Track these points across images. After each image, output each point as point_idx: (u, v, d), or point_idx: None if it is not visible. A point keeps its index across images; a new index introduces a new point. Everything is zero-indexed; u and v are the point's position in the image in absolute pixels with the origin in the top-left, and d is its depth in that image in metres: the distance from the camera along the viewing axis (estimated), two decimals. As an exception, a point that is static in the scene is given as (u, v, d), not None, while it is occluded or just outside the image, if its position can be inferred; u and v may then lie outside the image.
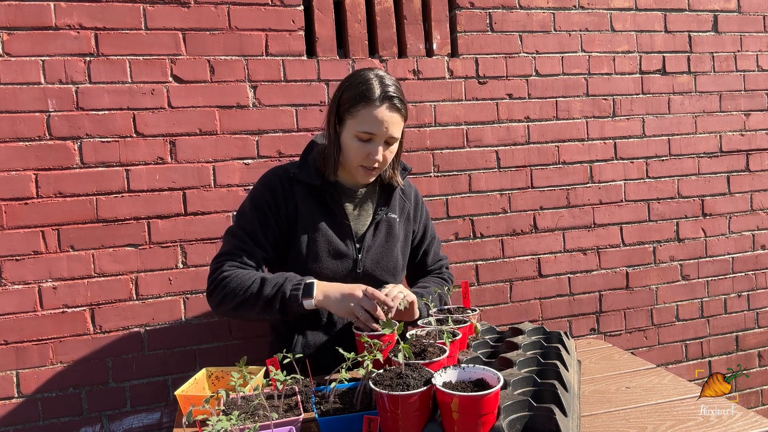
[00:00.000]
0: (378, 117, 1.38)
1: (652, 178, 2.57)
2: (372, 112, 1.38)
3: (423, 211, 1.74)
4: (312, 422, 1.09)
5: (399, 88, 1.44)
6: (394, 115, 1.41)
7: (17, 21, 1.85)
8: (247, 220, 1.47)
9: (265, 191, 1.49)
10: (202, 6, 2.01)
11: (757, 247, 2.73)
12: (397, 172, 1.58)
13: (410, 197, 1.69)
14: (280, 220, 1.49)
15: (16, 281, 1.87)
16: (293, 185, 1.51)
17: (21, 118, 1.86)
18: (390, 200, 1.60)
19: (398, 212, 1.63)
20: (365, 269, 1.53)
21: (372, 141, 1.41)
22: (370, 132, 1.40)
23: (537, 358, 1.29)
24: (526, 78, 2.40)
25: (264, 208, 1.47)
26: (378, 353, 1.09)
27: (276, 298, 1.35)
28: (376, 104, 1.38)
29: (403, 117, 1.44)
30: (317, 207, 1.51)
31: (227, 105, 2.05)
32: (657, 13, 2.56)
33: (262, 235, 1.47)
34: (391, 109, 1.39)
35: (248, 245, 1.45)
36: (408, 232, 1.67)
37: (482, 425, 0.94)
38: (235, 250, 1.45)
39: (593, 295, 2.51)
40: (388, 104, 1.39)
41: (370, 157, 1.41)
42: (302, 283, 1.36)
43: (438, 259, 1.79)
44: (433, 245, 1.76)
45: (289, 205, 1.50)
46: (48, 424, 1.90)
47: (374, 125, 1.39)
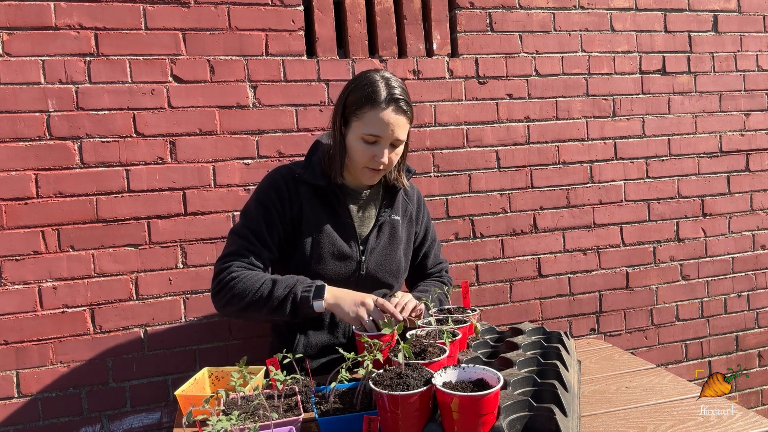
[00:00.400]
0: (384, 119, 1.38)
1: (652, 178, 2.58)
2: (378, 114, 1.38)
3: (425, 213, 1.74)
4: (312, 422, 1.09)
5: (405, 90, 1.44)
6: (400, 117, 1.40)
7: (17, 21, 1.85)
8: (252, 219, 1.47)
9: (271, 191, 1.49)
10: (202, 6, 2.01)
11: (757, 247, 2.73)
12: (402, 174, 1.58)
13: (413, 199, 1.69)
14: (284, 220, 1.49)
15: (16, 281, 1.87)
16: (298, 185, 1.51)
17: (21, 118, 1.86)
18: (393, 202, 1.60)
19: (401, 214, 1.63)
20: (368, 271, 1.53)
21: (378, 143, 1.41)
22: (375, 134, 1.39)
23: (537, 358, 1.29)
24: (526, 78, 2.40)
25: (270, 208, 1.47)
26: (378, 353, 1.09)
27: (287, 300, 1.35)
28: (382, 107, 1.38)
29: (408, 119, 1.44)
30: (322, 208, 1.51)
31: (227, 105, 2.05)
32: (657, 13, 2.56)
33: (268, 235, 1.46)
34: (397, 112, 1.39)
35: (255, 246, 1.44)
36: (410, 233, 1.66)
37: (482, 425, 0.94)
38: (243, 250, 1.44)
39: (593, 295, 2.51)
40: (394, 106, 1.39)
41: (376, 159, 1.41)
42: (314, 285, 1.37)
43: (438, 262, 1.79)
44: (434, 248, 1.76)
45: (294, 205, 1.49)
46: (48, 424, 1.90)
47: (380, 128, 1.39)
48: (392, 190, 1.60)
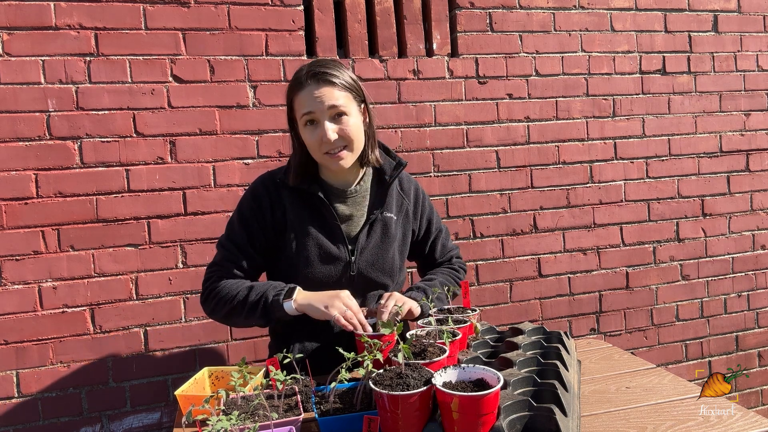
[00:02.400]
0: (310, 95, 1.38)
1: (652, 178, 2.58)
2: (303, 93, 1.39)
3: (425, 206, 1.69)
4: (312, 422, 1.09)
5: (330, 63, 1.42)
6: (325, 87, 1.38)
7: (17, 21, 1.85)
8: (235, 231, 1.50)
9: (251, 200, 1.51)
10: (202, 6, 2.01)
11: (757, 247, 2.73)
12: (372, 152, 1.52)
13: (409, 194, 1.65)
14: (266, 228, 1.49)
15: (16, 281, 1.87)
16: (280, 190, 1.50)
17: (21, 118, 1.86)
18: (385, 198, 1.57)
19: (395, 210, 1.59)
20: (359, 271, 1.51)
21: (317, 122, 1.40)
22: (308, 111, 1.38)
23: (537, 358, 1.29)
24: (526, 78, 2.40)
25: (250, 219, 1.49)
26: (378, 353, 1.09)
27: (259, 304, 1.38)
28: (304, 85, 1.39)
29: (338, 87, 1.40)
30: (306, 211, 1.49)
31: (227, 105, 2.05)
32: (657, 13, 2.56)
33: (251, 246, 1.49)
34: (318, 83, 1.38)
35: (236, 257, 1.48)
36: (407, 230, 1.63)
37: (482, 425, 0.94)
38: (225, 262, 1.48)
39: (593, 295, 2.51)
40: (313, 80, 1.38)
41: (324, 139, 1.39)
42: (285, 288, 1.38)
43: (447, 251, 1.74)
44: (440, 237, 1.72)
45: (277, 210, 1.49)
46: (48, 424, 1.90)
47: (309, 102, 1.38)
48: (384, 186, 1.56)
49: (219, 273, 1.48)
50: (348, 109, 1.41)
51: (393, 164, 1.57)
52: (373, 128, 1.53)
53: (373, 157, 1.52)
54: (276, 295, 1.37)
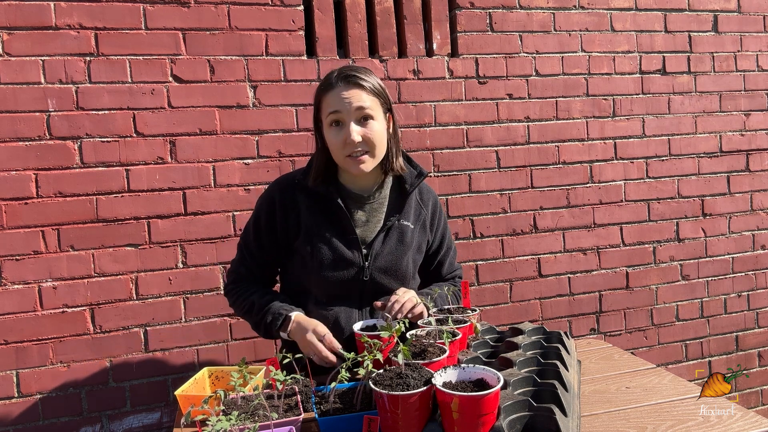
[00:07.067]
0: (338, 95, 1.40)
1: (652, 178, 2.58)
2: (332, 93, 1.41)
3: (441, 221, 1.67)
4: (312, 422, 1.09)
5: (361, 69, 1.45)
6: (354, 90, 1.40)
7: (17, 21, 1.85)
8: (249, 237, 1.55)
9: (265, 205, 1.53)
10: (202, 6, 2.01)
11: (757, 247, 2.73)
12: (397, 160, 1.52)
13: (428, 205, 1.63)
14: (278, 233, 1.51)
15: (16, 281, 1.87)
16: (297, 193, 1.50)
17: (21, 118, 1.86)
18: (403, 206, 1.55)
19: (413, 219, 1.57)
20: (372, 277, 1.49)
21: (343, 123, 1.40)
22: (335, 110, 1.40)
23: (537, 358, 1.29)
24: (526, 78, 2.40)
25: (262, 226, 1.52)
26: (378, 353, 1.09)
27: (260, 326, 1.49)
28: (333, 87, 1.41)
29: (366, 90, 1.41)
30: (321, 214, 1.49)
31: (227, 105, 2.05)
32: (657, 13, 2.56)
33: (263, 252, 1.54)
34: (348, 86, 1.40)
35: (249, 262, 1.56)
36: (422, 240, 1.60)
37: (482, 425, 0.94)
38: (240, 266, 1.57)
39: (593, 295, 2.51)
40: (344, 82, 1.41)
41: (348, 140, 1.39)
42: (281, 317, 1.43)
43: (452, 270, 1.73)
44: (449, 256, 1.70)
45: (290, 214, 1.49)
46: (48, 424, 1.90)
47: (337, 102, 1.40)
48: (403, 194, 1.56)
49: (236, 273, 1.58)
50: (374, 113, 1.42)
51: (414, 173, 1.57)
52: (398, 136, 1.55)
53: (398, 164, 1.53)
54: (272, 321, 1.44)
